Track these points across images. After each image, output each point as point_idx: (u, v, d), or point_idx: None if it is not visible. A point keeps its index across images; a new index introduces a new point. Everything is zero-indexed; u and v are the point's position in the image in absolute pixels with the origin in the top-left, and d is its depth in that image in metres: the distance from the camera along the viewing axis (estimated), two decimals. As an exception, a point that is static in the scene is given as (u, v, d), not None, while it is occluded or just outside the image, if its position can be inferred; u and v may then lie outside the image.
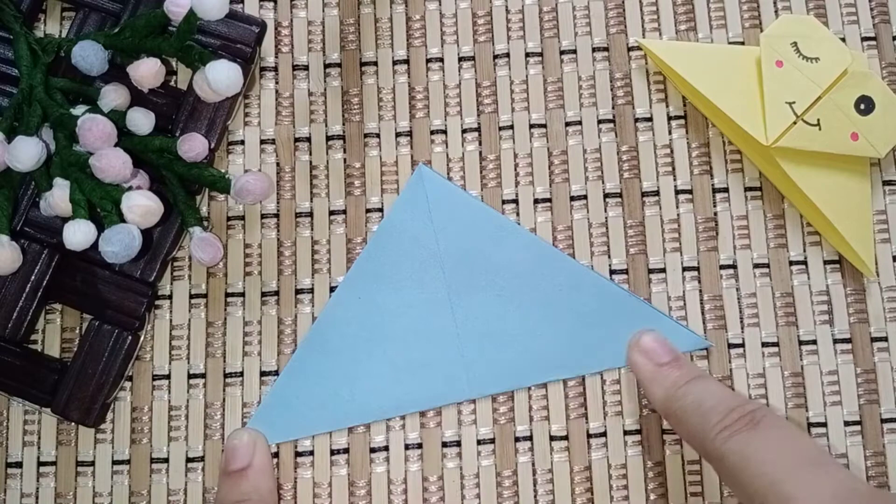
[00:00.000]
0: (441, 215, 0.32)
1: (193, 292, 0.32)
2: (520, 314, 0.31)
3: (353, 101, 0.33)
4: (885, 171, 0.32)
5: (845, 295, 0.31)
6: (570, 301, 0.31)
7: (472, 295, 0.31)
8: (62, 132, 0.29)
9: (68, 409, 0.30)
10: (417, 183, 0.32)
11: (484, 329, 0.31)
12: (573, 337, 0.31)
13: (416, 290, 0.31)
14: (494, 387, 0.31)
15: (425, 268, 0.32)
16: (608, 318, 0.31)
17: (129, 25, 0.30)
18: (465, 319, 0.31)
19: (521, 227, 0.32)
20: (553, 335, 0.31)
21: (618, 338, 0.30)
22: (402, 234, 0.32)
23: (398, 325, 0.31)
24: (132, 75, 0.29)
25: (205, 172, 0.30)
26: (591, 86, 0.33)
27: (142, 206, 0.27)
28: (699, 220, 0.32)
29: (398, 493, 0.30)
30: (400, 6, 0.34)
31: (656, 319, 0.31)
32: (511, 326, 0.31)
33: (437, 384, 0.31)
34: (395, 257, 0.32)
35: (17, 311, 0.30)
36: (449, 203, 0.32)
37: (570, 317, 0.31)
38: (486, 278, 0.31)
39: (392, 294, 0.31)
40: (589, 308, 0.31)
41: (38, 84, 0.30)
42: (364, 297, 0.31)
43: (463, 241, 0.32)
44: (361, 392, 0.31)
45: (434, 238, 0.32)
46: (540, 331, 0.31)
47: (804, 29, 0.31)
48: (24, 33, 0.30)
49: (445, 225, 0.32)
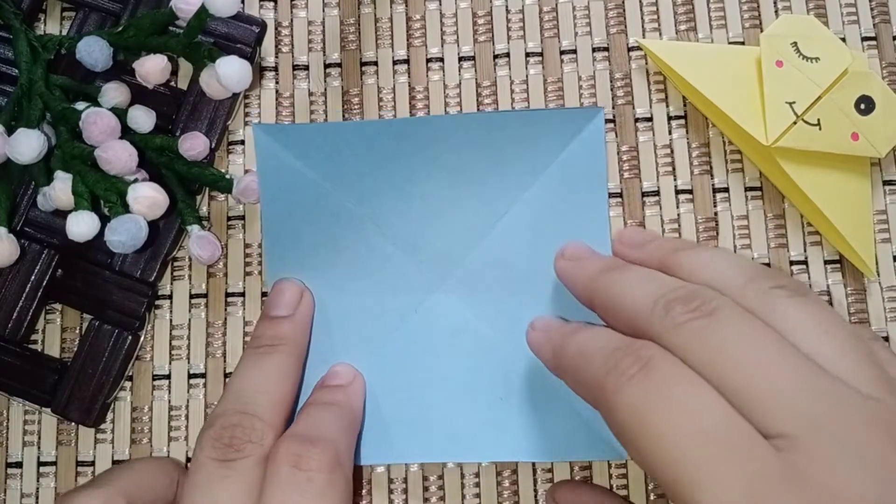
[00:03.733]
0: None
1: (193, 292, 0.32)
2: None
3: (354, 101, 0.33)
4: (885, 171, 0.32)
5: (846, 295, 0.31)
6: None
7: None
8: (65, 126, 0.29)
9: (68, 409, 0.30)
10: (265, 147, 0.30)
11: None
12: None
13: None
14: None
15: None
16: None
17: (134, 23, 0.30)
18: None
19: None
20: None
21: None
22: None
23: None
24: (138, 71, 0.29)
25: (206, 172, 0.30)
26: (592, 86, 0.33)
27: (148, 196, 0.27)
28: (699, 220, 0.32)
29: (399, 491, 0.30)
30: (400, 6, 0.34)
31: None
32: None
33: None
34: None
35: (17, 311, 0.30)
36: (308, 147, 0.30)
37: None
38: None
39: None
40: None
41: (39, 79, 0.30)
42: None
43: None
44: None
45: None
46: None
47: (804, 29, 0.31)
48: (24, 30, 0.30)
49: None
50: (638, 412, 0.20)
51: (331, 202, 0.30)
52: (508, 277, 0.30)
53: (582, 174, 0.30)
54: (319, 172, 0.30)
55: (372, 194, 0.30)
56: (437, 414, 0.29)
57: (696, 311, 0.21)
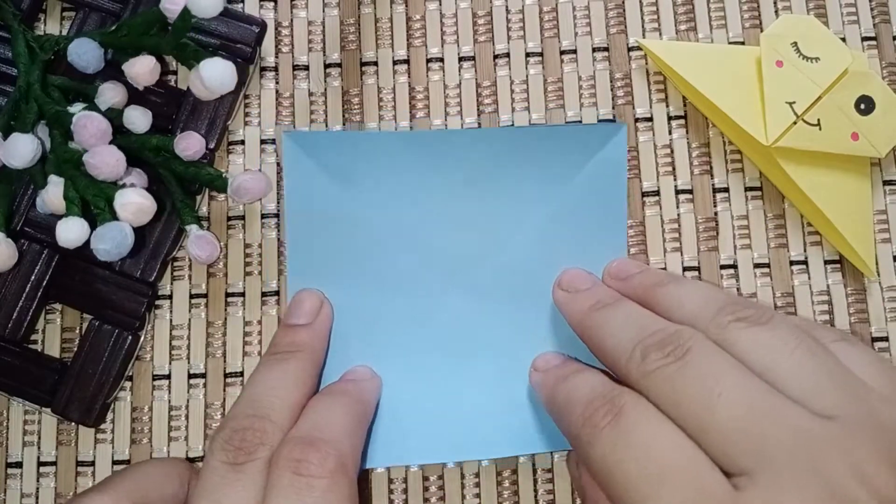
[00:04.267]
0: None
1: (193, 292, 0.32)
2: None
3: (354, 101, 0.33)
4: (885, 171, 0.32)
5: (846, 295, 0.31)
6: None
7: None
8: (58, 129, 0.29)
9: (68, 409, 0.30)
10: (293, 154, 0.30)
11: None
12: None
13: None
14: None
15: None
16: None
17: (126, 23, 0.30)
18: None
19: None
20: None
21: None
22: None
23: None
24: (128, 73, 0.29)
25: (202, 171, 0.30)
26: (592, 86, 0.33)
27: (134, 203, 0.27)
28: (699, 220, 0.32)
29: (399, 491, 0.30)
30: (400, 6, 0.34)
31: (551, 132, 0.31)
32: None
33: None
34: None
35: (17, 311, 0.30)
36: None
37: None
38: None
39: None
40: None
41: (36, 81, 0.30)
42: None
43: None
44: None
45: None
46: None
47: (804, 29, 0.31)
48: (22, 30, 0.30)
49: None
50: (607, 460, 0.21)
51: (353, 211, 0.30)
52: (526, 288, 0.30)
53: (603, 189, 0.31)
54: (343, 181, 0.30)
55: (394, 204, 0.30)
56: (452, 416, 0.30)
57: (670, 356, 0.23)
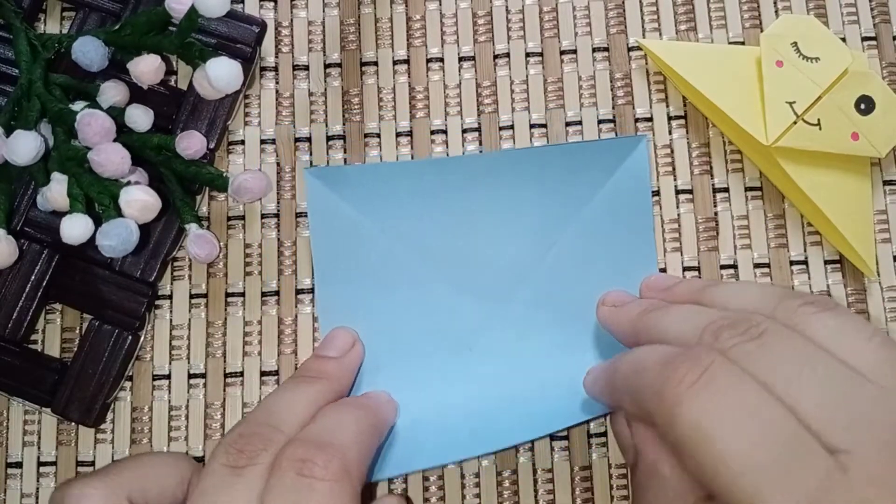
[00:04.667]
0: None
1: (193, 292, 0.32)
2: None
3: (354, 101, 0.33)
4: (885, 171, 0.32)
5: (846, 295, 0.31)
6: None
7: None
8: (61, 127, 0.29)
9: (68, 409, 0.30)
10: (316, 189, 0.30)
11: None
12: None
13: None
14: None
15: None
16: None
17: (130, 22, 0.30)
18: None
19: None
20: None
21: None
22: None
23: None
24: (132, 71, 0.29)
25: (202, 170, 0.30)
26: (592, 86, 0.33)
27: (140, 200, 0.27)
28: (699, 220, 0.32)
29: (399, 491, 0.30)
30: (400, 6, 0.34)
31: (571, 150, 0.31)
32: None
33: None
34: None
35: (17, 311, 0.30)
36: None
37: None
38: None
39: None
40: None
41: (38, 79, 0.30)
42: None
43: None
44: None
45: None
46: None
47: (804, 29, 0.31)
48: (24, 29, 0.30)
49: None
50: (701, 424, 0.20)
51: (381, 243, 0.30)
52: (561, 309, 0.30)
53: (628, 202, 0.31)
54: (368, 213, 0.30)
55: (421, 233, 0.30)
56: (479, 439, 0.29)
57: (745, 334, 0.22)
